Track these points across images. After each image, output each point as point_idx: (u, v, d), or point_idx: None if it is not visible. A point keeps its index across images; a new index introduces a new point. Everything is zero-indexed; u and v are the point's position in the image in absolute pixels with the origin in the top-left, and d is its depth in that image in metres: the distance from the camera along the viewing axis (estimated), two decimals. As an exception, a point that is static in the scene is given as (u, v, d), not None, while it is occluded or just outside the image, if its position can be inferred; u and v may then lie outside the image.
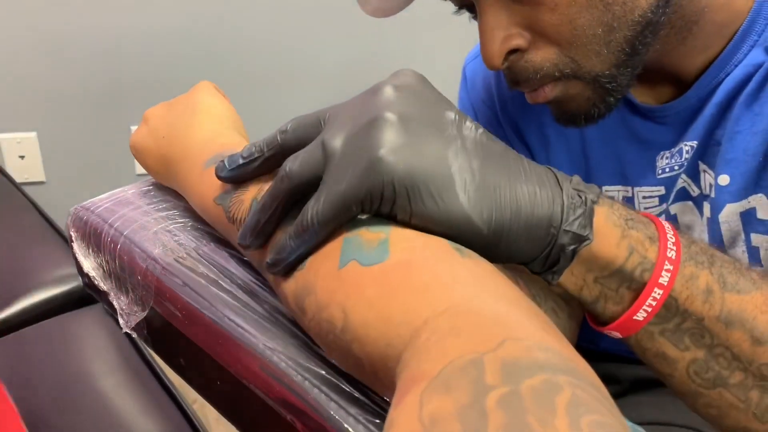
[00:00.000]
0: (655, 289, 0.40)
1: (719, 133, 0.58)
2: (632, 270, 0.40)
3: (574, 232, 0.38)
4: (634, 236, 0.40)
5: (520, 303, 0.32)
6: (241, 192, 0.45)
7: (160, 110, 0.57)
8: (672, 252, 0.40)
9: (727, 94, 0.57)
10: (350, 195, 0.35)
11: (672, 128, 0.62)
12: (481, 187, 0.36)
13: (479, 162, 0.37)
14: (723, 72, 0.57)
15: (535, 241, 0.38)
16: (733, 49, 0.56)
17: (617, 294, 0.42)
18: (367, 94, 0.39)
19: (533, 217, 0.37)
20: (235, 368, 0.44)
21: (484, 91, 0.76)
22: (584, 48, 0.52)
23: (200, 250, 0.51)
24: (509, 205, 0.37)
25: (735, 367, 0.41)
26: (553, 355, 0.27)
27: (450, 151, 0.36)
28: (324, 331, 0.36)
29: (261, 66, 1.72)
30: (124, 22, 1.58)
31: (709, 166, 0.59)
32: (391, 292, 0.33)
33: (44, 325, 0.84)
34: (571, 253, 0.39)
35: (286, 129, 0.42)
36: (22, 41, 1.53)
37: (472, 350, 0.27)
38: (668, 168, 0.63)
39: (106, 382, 0.74)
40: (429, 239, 0.36)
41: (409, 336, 0.31)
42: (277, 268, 0.39)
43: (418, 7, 0.60)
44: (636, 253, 0.40)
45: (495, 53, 0.53)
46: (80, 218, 0.58)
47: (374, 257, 0.35)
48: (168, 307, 0.49)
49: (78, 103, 1.63)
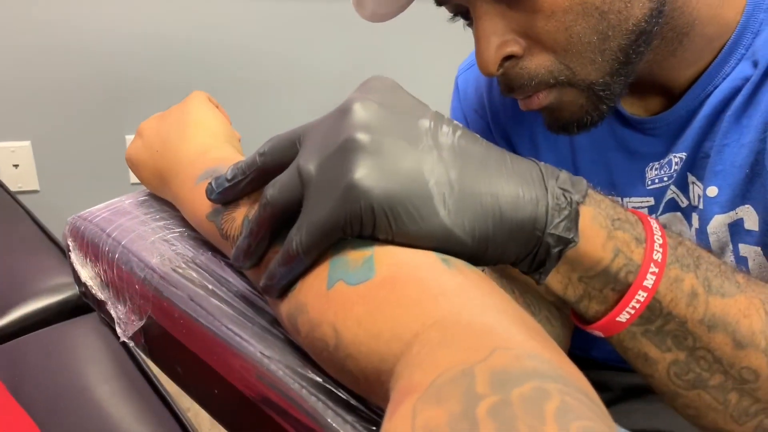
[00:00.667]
0: (639, 291, 0.40)
1: (707, 145, 0.58)
2: (617, 272, 0.40)
3: (559, 235, 0.37)
4: (620, 237, 0.40)
5: (509, 312, 0.32)
6: (232, 209, 0.45)
7: (153, 123, 0.57)
8: (658, 254, 0.40)
9: (715, 106, 0.58)
10: (330, 223, 0.35)
11: (661, 140, 0.62)
12: (461, 198, 0.36)
13: (457, 171, 0.36)
14: (711, 85, 0.58)
15: (520, 244, 0.37)
16: (722, 62, 0.57)
17: (601, 294, 0.42)
18: (337, 113, 0.38)
19: (517, 221, 0.36)
20: (232, 377, 0.44)
21: (476, 100, 0.77)
22: (579, 56, 0.52)
23: (197, 259, 0.51)
24: (491, 212, 0.36)
25: (715, 370, 0.42)
26: (542, 363, 0.27)
27: (426, 165, 0.35)
28: (318, 349, 0.36)
29: (257, 73, 1.73)
30: (119, 31, 1.59)
31: (698, 178, 0.60)
32: (379, 309, 0.33)
33: (39, 334, 0.84)
34: (556, 255, 0.38)
35: (264, 151, 0.42)
36: (16, 50, 1.53)
37: (462, 361, 0.27)
38: (657, 179, 0.63)
39: (101, 390, 0.74)
40: (414, 253, 0.36)
41: (400, 350, 0.31)
42: (270, 292, 0.40)
43: (414, 13, 0.61)
44: (621, 255, 0.40)
45: (490, 60, 0.53)
46: (77, 228, 0.58)
47: (360, 276, 0.35)
48: (166, 316, 0.49)
49: (72, 112, 1.63)
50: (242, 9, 1.65)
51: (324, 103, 1.79)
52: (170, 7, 1.60)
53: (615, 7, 0.50)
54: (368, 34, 1.76)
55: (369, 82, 0.40)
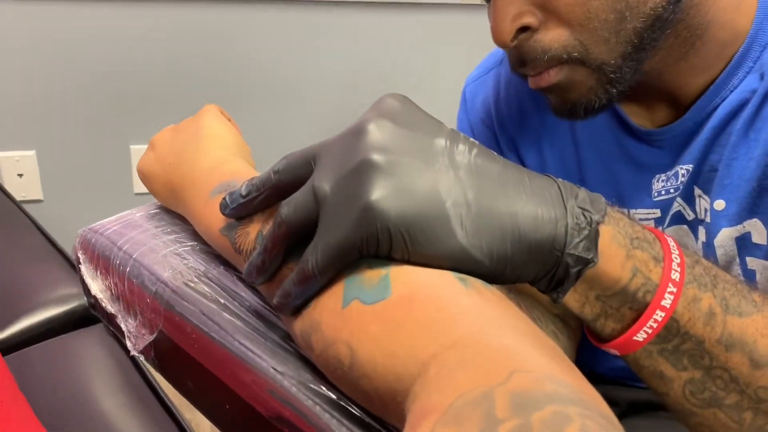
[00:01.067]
0: (657, 311, 0.40)
1: (714, 158, 0.58)
2: (635, 291, 0.40)
3: (579, 255, 0.37)
4: (638, 257, 0.40)
5: (528, 333, 0.32)
6: (246, 224, 0.45)
7: (166, 135, 0.57)
8: (676, 274, 0.40)
9: (722, 118, 0.58)
10: (346, 244, 0.35)
11: (668, 151, 0.63)
12: (479, 218, 0.35)
13: (475, 191, 0.36)
14: (719, 97, 0.58)
15: (539, 264, 0.37)
16: (730, 74, 0.57)
17: (618, 313, 0.42)
18: (351, 133, 0.38)
19: (535, 241, 0.36)
20: (244, 392, 0.44)
21: (483, 110, 0.77)
22: (594, 33, 0.52)
23: (209, 273, 0.51)
24: (510, 232, 0.36)
25: (731, 389, 0.42)
26: (562, 386, 0.27)
27: (442, 185, 0.35)
28: (332, 367, 0.36)
29: (262, 85, 1.73)
30: (124, 41, 1.59)
31: (704, 191, 0.60)
32: (396, 328, 0.33)
33: (45, 345, 0.83)
34: (575, 275, 0.38)
35: (278, 169, 0.42)
36: (21, 60, 1.54)
37: (481, 383, 0.27)
38: (664, 191, 0.63)
39: (107, 402, 0.74)
40: (431, 272, 0.36)
41: (417, 370, 0.31)
42: (283, 310, 0.40)
43: (421, 24, 0.61)
44: (640, 274, 0.40)
45: (506, 30, 0.53)
46: (88, 240, 0.58)
47: (376, 295, 0.35)
48: (177, 330, 0.49)
49: (77, 122, 1.63)
50: (248, 20, 1.65)
51: (331, 114, 1.80)
52: (175, 18, 1.60)
53: None
54: (376, 44, 1.77)
55: (382, 101, 0.39)
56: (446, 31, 1.80)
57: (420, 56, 1.83)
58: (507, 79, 0.75)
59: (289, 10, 1.67)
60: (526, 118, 0.73)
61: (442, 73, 1.85)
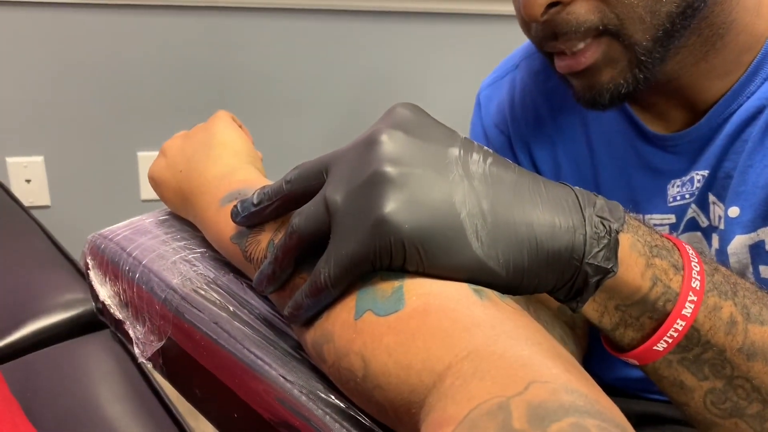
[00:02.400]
0: (677, 320, 0.39)
1: (728, 165, 0.58)
2: (655, 300, 0.39)
3: (598, 265, 0.36)
4: (658, 265, 0.39)
5: (543, 344, 0.32)
6: (257, 232, 0.45)
7: (177, 142, 0.57)
8: (696, 282, 0.39)
9: (738, 125, 0.57)
10: (358, 257, 0.35)
11: (683, 157, 0.62)
12: (495, 229, 0.35)
13: (490, 201, 0.35)
14: (735, 103, 0.58)
15: (557, 273, 0.37)
16: (747, 80, 0.57)
17: (638, 322, 0.41)
18: (363, 144, 0.37)
19: (553, 251, 0.35)
20: (253, 400, 0.44)
21: (498, 115, 0.77)
22: (631, 9, 0.52)
23: (219, 280, 0.51)
24: (527, 242, 0.35)
25: (753, 399, 0.41)
26: (580, 398, 0.27)
27: (457, 196, 0.35)
28: (345, 378, 0.36)
29: (269, 92, 1.74)
30: (132, 48, 1.60)
31: (719, 198, 0.60)
32: (410, 339, 0.33)
33: (51, 351, 0.83)
34: (595, 284, 0.37)
35: (290, 179, 0.42)
36: (30, 66, 1.55)
37: (498, 394, 0.27)
38: (679, 196, 0.63)
39: (112, 409, 0.73)
40: (445, 283, 0.35)
41: (432, 382, 0.31)
42: (295, 321, 0.40)
43: (428, 33, 0.61)
44: (660, 283, 0.39)
45: (538, 2, 0.52)
46: (97, 246, 0.58)
47: (389, 307, 0.34)
48: (186, 337, 0.49)
49: (85, 128, 1.64)
50: (255, 28, 1.66)
51: (339, 122, 1.80)
52: (183, 26, 1.61)
53: None
54: (384, 53, 1.78)
55: (394, 110, 0.39)
56: (453, 41, 1.81)
57: (427, 65, 1.83)
58: (522, 84, 0.75)
59: (297, 19, 1.68)
60: (541, 122, 0.73)
61: (449, 82, 1.85)
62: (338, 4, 1.68)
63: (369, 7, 1.70)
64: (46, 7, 1.50)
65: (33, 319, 0.89)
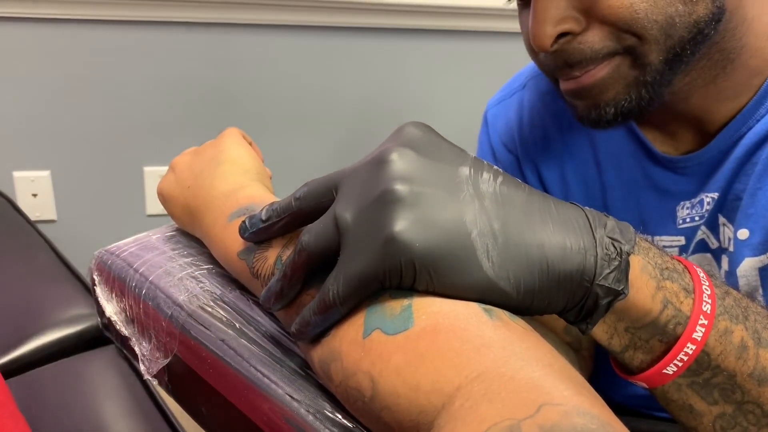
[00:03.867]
0: (688, 344, 0.39)
1: (739, 187, 0.58)
2: (665, 323, 0.39)
3: (609, 287, 0.36)
4: (669, 288, 0.39)
5: (554, 365, 0.32)
6: (264, 249, 0.45)
7: (186, 158, 0.57)
8: (707, 306, 0.39)
9: (748, 147, 0.57)
10: (367, 275, 0.35)
11: (693, 179, 0.62)
12: (505, 249, 0.35)
13: (501, 221, 0.35)
14: (745, 126, 0.58)
15: (568, 294, 0.36)
16: (758, 103, 0.57)
17: (648, 345, 0.41)
18: (373, 162, 0.37)
19: (564, 272, 0.35)
20: (259, 419, 0.44)
21: (506, 134, 0.77)
22: (645, 31, 0.52)
23: (225, 297, 0.51)
24: (537, 264, 0.35)
25: (764, 424, 0.41)
26: (591, 420, 0.27)
27: (468, 216, 0.35)
28: (352, 398, 0.36)
29: (275, 108, 1.74)
30: (139, 64, 1.61)
31: (729, 220, 0.60)
32: (419, 359, 0.32)
33: (57, 366, 0.83)
34: (605, 306, 0.37)
35: (299, 196, 0.42)
36: (36, 81, 1.56)
37: (509, 416, 0.27)
38: (689, 218, 0.63)
39: (118, 425, 0.73)
40: (455, 303, 0.35)
41: (441, 403, 0.31)
42: (302, 338, 0.39)
43: (436, 50, 0.61)
44: (671, 306, 0.39)
45: (547, 34, 0.53)
46: (104, 262, 0.58)
47: (398, 325, 0.34)
48: (192, 354, 0.49)
49: (92, 143, 1.64)
50: (263, 44, 1.67)
51: (346, 138, 1.81)
52: (189, 42, 1.62)
53: None
54: (391, 69, 1.78)
55: (404, 129, 0.39)
56: (459, 58, 1.81)
57: (433, 82, 1.84)
58: (530, 104, 0.75)
59: (304, 36, 1.69)
60: (549, 142, 0.73)
61: (455, 98, 1.85)
62: (345, 21, 1.68)
63: (375, 24, 1.71)
64: (53, 23, 1.52)
65: (39, 334, 0.89)
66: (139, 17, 1.55)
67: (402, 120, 0.40)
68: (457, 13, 1.73)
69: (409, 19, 1.72)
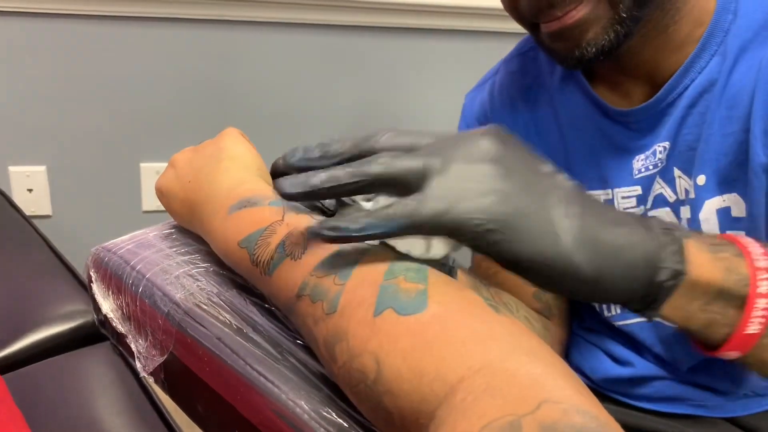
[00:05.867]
0: (757, 300, 0.42)
1: (688, 137, 0.62)
2: (732, 288, 0.42)
3: (672, 268, 0.40)
4: (724, 258, 0.43)
5: (556, 364, 0.32)
6: (267, 234, 0.45)
7: (187, 155, 0.58)
8: (763, 261, 0.42)
9: (692, 98, 0.61)
10: (452, 216, 0.37)
11: (644, 132, 0.65)
12: (581, 230, 0.38)
13: (578, 208, 0.39)
14: (688, 78, 0.61)
15: (634, 280, 0.40)
16: (697, 56, 0.61)
17: (724, 316, 0.43)
18: (470, 136, 0.40)
19: (632, 257, 0.39)
20: (254, 417, 0.44)
21: (480, 110, 0.81)
22: None
23: (222, 295, 0.51)
24: (610, 246, 0.39)
25: None
26: (591, 419, 0.27)
27: (552, 198, 0.38)
28: (354, 380, 0.36)
29: (271, 105, 1.74)
30: (136, 59, 1.61)
31: (684, 171, 0.63)
32: (426, 345, 0.33)
33: (52, 362, 0.83)
34: (670, 288, 0.41)
35: (378, 139, 0.41)
36: (33, 76, 1.55)
37: (509, 412, 0.27)
38: (644, 168, 0.66)
39: (112, 422, 0.73)
40: (466, 295, 0.36)
41: (444, 392, 0.31)
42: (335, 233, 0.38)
43: (433, 49, 0.62)
44: (733, 272, 0.42)
45: None
46: (101, 259, 0.58)
47: (412, 307, 0.35)
48: (188, 352, 0.49)
49: (88, 138, 1.64)
50: (260, 42, 1.67)
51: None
52: (187, 38, 1.62)
53: None
54: (388, 67, 1.78)
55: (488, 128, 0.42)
56: (454, 56, 1.82)
57: (432, 80, 1.84)
58: (500, 82, 0.79)
59: (301, 33, 1.69)
60: (518, 114, 0.77)
61: (449, 96, 1.85)
62: (341, 20, 1.68)
63: (373, 23, 1.71)
64: (50, 17, 1.51)
65: (33, 330, 0.88)
66: (136, 13, 1.55)
67: (400, 118, 0.41)
68: (455, 13, 1.73)
69: (407, 17, 1.72)
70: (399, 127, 0.42)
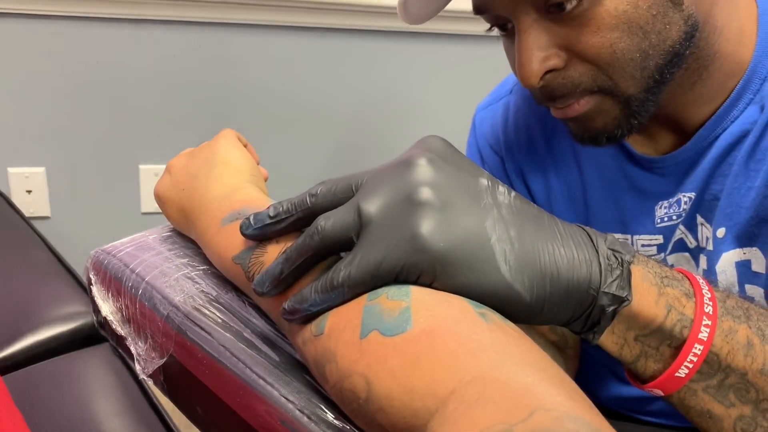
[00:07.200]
0: (695, 345, 0.40)
1: (715, 187, 0.60)
2: (671, 327, 0.41)
3: (614, 294, 0.39)
4: (670, 294, 0.41)
5: (548, 370, 0.32)
6: (260, 252, 0.45)
7: (182, 160, 0.58)
8: (709, 307, 0.41)
9: (723, 149, 0.59)
10: (387, 267, 0.36)
11: (670, 179, 0.64)
12: (521, 255, 0.37)
13: (516, 230, 0.38)
14: (720, 127, 0.60)
15: (575, 303, 0.39)
16: (731, 105, 0.59)
17: (658, 352, 0.42)
18: (401, 165, 0.39)
19: (573, 281, 0.38)
20: (255, 421, 0.44)
21: (492, 137, 0.79)
22: (622, 70, 0.54)
23: (222, 298, 0.51)
24: (549, 271, 0.37)
25: None
26: (583, 426, 0.27)
27: (488, 221, 0.37)
28: (347, 400, 0.36)
29: (271, 108, 1.75)
30: (135, 61, 1.61)
31: (707, 220, 0.61)
32: (415, 362, 0.33)
33: (51, 363, 0.83)
34: (611, 314, 0.39)
35: (316, 193, 0.42)
36: (33, 78, 1.55)
37: (501, 420, 0.27)
38: (667, 218, 0.65)
39: (111, 423, 0.73)
40: (452, 306, 0.36)
41: (435, 406, 0.31)
42: (293, 316, 0.40)
43: (433, 52, 0.62)
44: (674, 311, 0.41)
45: (533, 73, 0.55)
46: (100, 261, 0.58)
47: (396, 327, 0.35)
48: (188, 355, 0.49)
49: (87, 140, 1.64)
50: (260, 44, 1.67)
51: (342, 140, 1.81)
52: (186, 40, 1.62)
53: (656, 28, 0.52)
54: (388, 71, 1.79)
55: (427, 140, 0.41)
56: (456, 60, 1.82)
57: (431, 84, 1.84)
58: (516, 108, 0.77)
59: (300, 36, 1.69)
60: (533, 145, 0.75)
61: (451, 100, 1.86)
62: (342, 23, 1.69)
63: (373, 26, 1.71)
64: (50, 19, 1.51)
65: (33, 331, 0.89)
66: (135, 15, 1.55)
67: (399, 122, 0.41)
68: (454, 17, 1.73)
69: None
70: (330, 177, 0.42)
